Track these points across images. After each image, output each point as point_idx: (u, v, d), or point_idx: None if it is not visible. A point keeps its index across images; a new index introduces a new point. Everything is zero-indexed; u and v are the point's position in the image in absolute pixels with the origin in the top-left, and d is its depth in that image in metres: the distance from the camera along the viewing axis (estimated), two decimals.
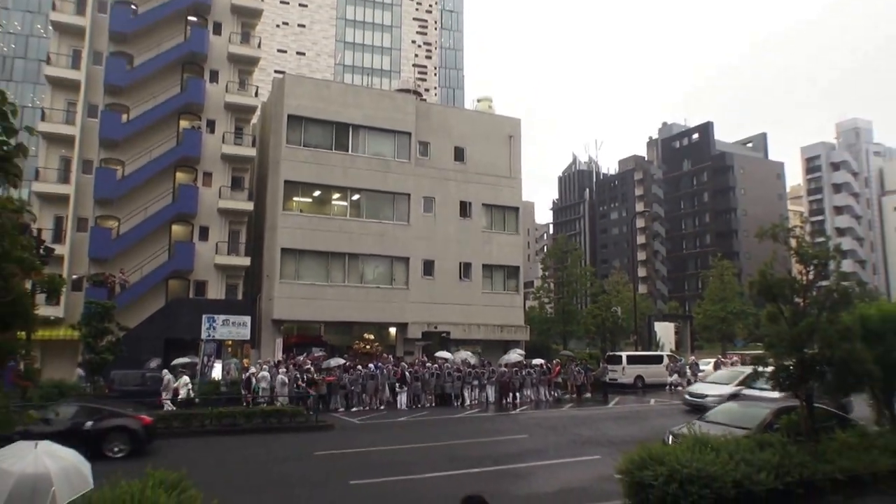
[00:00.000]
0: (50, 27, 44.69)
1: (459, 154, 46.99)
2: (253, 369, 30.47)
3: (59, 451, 6.85)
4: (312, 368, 31.51)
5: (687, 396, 29.84)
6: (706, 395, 26.80)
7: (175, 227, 42.45)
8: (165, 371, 28.40)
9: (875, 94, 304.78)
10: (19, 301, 8.17)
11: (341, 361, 33.47)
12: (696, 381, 42.78)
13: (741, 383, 26.14)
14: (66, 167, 41.28)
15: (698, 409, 25.51)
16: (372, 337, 42.92)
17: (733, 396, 24.83)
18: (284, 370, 29.68)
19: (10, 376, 13.62)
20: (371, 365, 32.78)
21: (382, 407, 30.70)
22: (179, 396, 27.00)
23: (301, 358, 34.06)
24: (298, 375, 29.96)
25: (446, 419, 27.26)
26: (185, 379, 27.97)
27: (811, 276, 14.84)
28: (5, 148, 4.83)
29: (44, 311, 35.23)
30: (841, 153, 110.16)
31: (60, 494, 6.31)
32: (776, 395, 20.62)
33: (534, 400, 34.65)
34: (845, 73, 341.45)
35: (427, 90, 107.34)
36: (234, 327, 33.47)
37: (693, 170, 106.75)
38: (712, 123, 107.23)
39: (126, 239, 40.41)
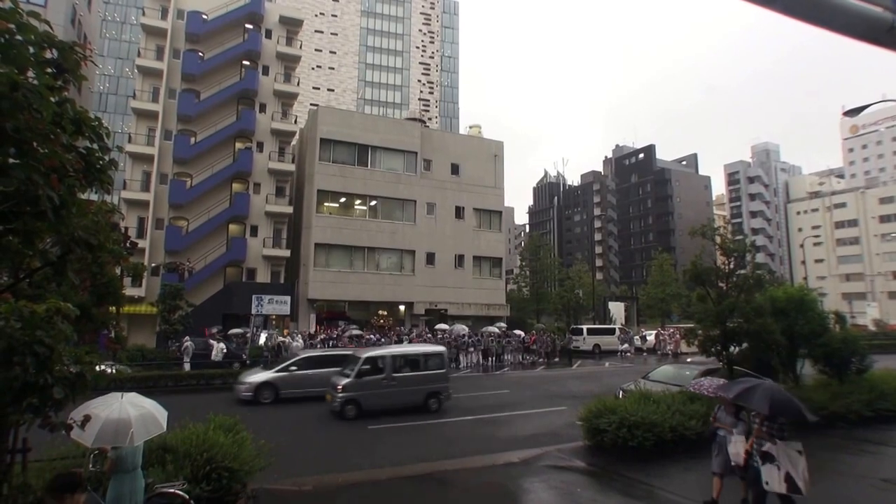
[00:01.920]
0: (136, 70, 44.42)
1: (455, 169, 46.90)
2: (280, 338, 30.38)
3: (140, 401, 6.86)
4: (338, 337, 31.44)
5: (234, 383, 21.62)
6: (243, 383, 19.96)
7: (231, 226, 42.28)
8: (187, 338, 27.48)
9: (784, 120, 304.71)
10: (111, 283, 8.19)
11: (356, 332, 33.21)
12: (644, 347, 43.02)
13: (280, 370, 20.26)
14: (147, 179, 41.08)
15: (241, 397, 19.31)
16: (385, 313, 42.85)
17: (266, 383, 19.58)
18: (300, 338, 29.61)
19: (103, 341, 13.56)
20: (371, 335, 32.36)
21: None
22: (213, 358, 26.42)
23: (334, 331, 34.08)
24: (328, 342, 29.81)
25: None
26: (221, 346, 27.30)
27: (732, 266, 14.89)
28: (101, 162, 4.82)
29: (130, 291, 35.29)
30: (755, 169, 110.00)
31: (137, 435, 6.37)
32: (345, 381, 16.71)
33: (513, 363, 34.68)
34: (760, 98, 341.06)
35: (430, 119, 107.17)
36: (277, 305, 33.36)
37: (639, 182, 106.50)
38: (654, 146, 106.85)
39: (193, 235, 40.29)
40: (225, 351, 27.23)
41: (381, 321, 41.72)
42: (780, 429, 7.77)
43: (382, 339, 32.09)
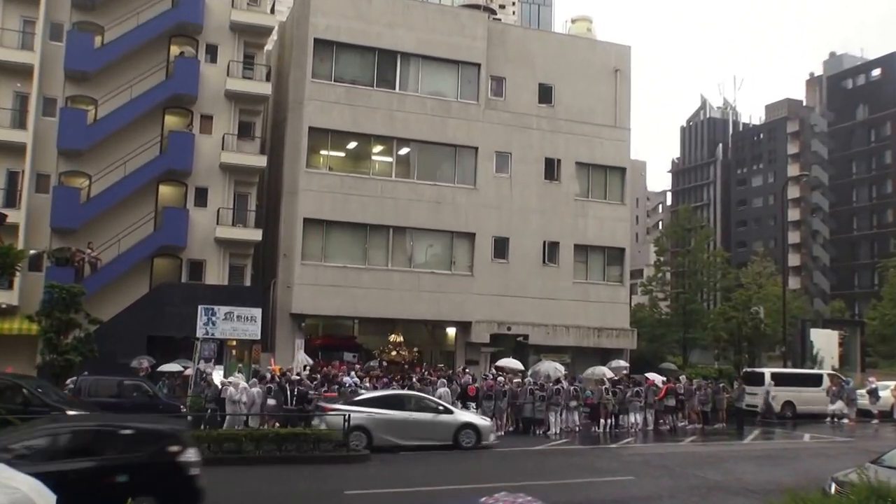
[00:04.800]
0: None
1: (546, 94, 46.86)
2: (220, 377, 30.63)
3: (12, 479, 6.97)
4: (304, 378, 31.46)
5: None
6: None
7: (163, 189, 42.85)
8: None
9: None
10: None
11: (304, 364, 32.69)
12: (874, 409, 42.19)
13: None
14: (23, 107, 41.58)
15: None
16: (399, 339, 42.68)
17: None
18: (241, 379, 29.74)
19: None
20: (347, 378, 32.10)
21: None
22: None
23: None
24: (288, 388, 29.72)
25: (521, 451, 27.31)
26: None
27: None
28: None
29: None
30: None
31: None
32: None
33: (642, 429, 34.43)
34: None
35: (503, 6, 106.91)
36: (239, 323, 33.62)
37: (870, 119, 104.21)
38: None
39: (99, 202, 40.65)
40: None
41: (395, 352, 41.21)
42: None
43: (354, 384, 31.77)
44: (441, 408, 27.64)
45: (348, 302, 41.43)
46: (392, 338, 42.50)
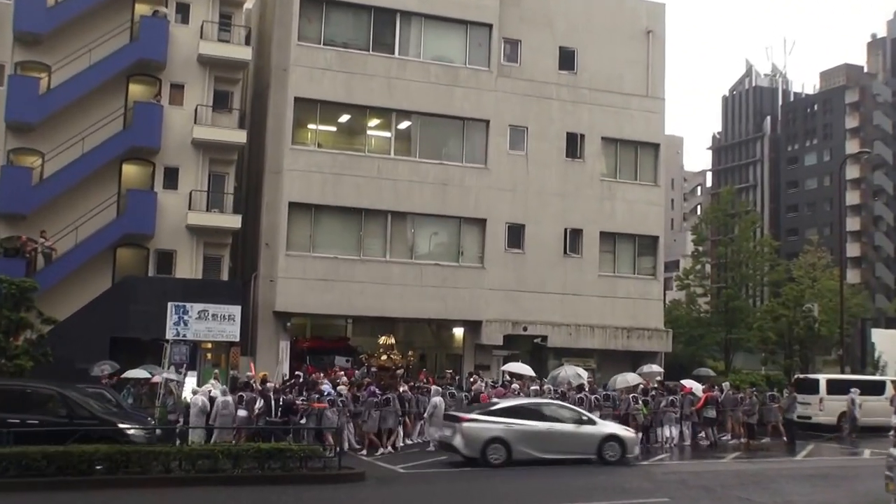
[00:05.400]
0: None
1: (567, 59, 46.76)
2: (193, 385, 30.60)
3: None
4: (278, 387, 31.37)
5: None
6: None
7: (127, 168, 42.76)
8: None
9: None
10: None
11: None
12: None
13: None
14: None
15: None
16: (391, 340, 42.01)
17: None
18: (218, 385, 29.62)
19: None
20: (325, 386, 31.36)
21: (363, 450, 29.89)
22: None
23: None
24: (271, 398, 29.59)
25: (537, 468, 27.12)
26: None
27: None
28: None
29: None
30: None
31: None
32: None
33: (678, 444, 34.46)
34: None
35: None
36: (215, 322, 33.57)
37: None
38: None
39: (54, 184, 40.48)
40: None
41: (387, 355, 40.79)
42: None
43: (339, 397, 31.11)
44: (584, 418, 28.55)
45: (340, 298, 41.35)
46: (382, 340, 41.92)
